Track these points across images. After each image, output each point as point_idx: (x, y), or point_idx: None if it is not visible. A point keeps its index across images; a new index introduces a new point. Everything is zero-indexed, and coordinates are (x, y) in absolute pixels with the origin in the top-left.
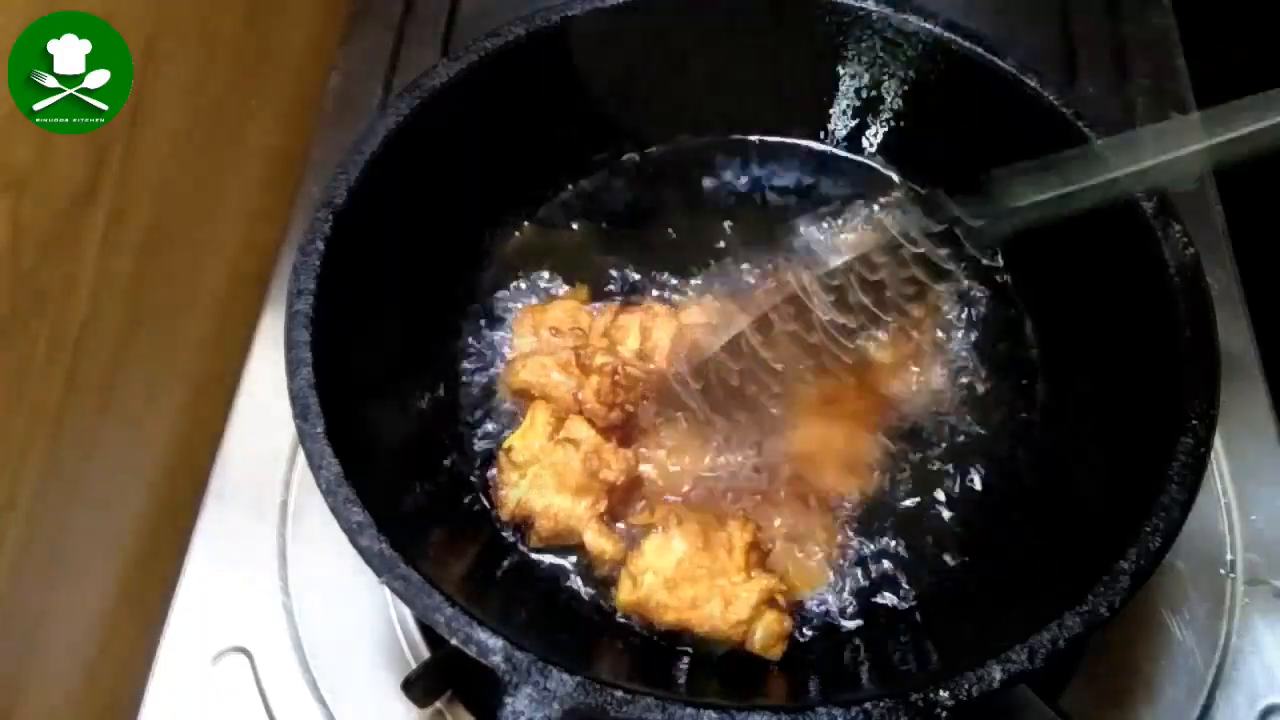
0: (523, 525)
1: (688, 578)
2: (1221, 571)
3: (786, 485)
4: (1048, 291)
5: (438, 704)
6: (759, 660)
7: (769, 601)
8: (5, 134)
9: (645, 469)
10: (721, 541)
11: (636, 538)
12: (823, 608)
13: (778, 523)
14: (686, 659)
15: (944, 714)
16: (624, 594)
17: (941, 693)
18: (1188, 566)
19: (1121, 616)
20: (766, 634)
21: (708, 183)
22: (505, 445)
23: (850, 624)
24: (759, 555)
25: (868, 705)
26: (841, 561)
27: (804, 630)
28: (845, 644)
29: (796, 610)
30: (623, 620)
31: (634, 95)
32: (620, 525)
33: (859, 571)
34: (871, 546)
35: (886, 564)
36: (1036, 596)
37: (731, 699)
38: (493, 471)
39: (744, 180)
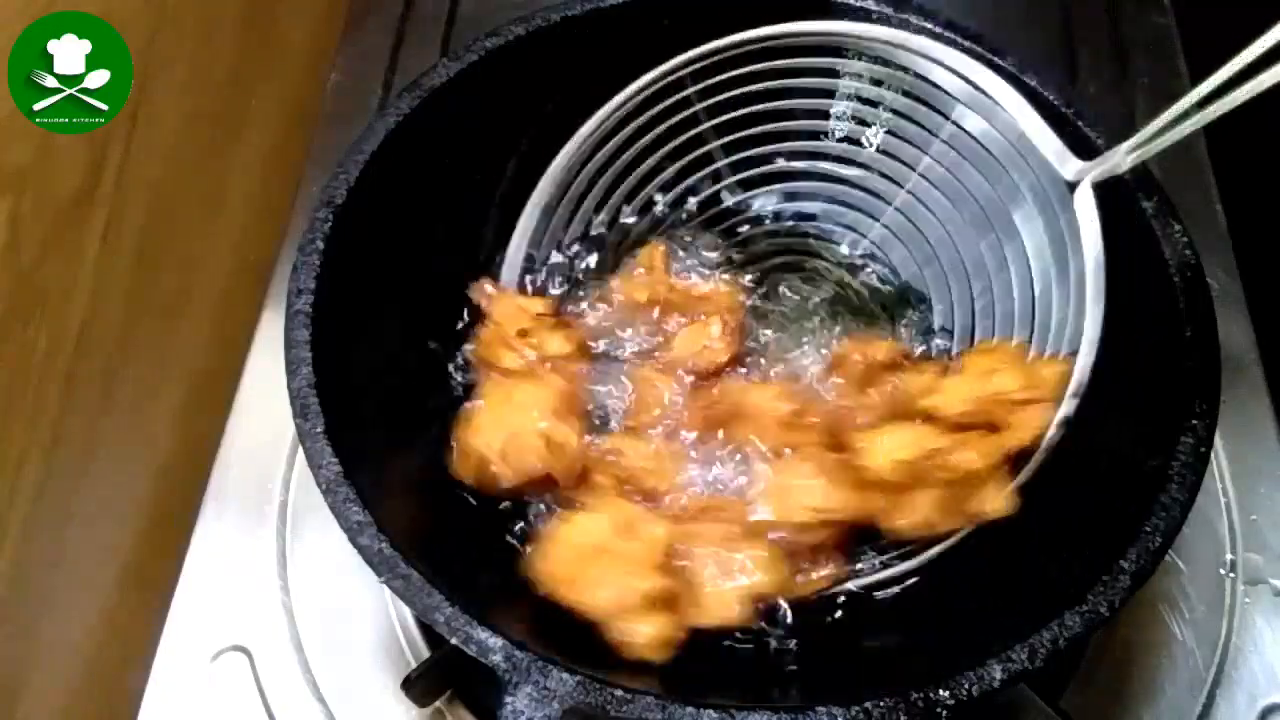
0: (484, 478)
1: (597, 558)
2: (1221, 571)
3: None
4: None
5: (438, 704)
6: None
7: (666, 603)
8: (5, 134)
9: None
10: (643, 534)
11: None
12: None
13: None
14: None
15: (944, 713)
16: (536, 561)
17: (941, 692)
18: (1188, 566)
19: (1121, 616)
20: (652, 634)
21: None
22: (460, 412)
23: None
24: (676, 566)
25: (868, 704)
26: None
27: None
28: (840, 637)
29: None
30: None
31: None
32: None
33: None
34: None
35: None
36: (1037, 596)
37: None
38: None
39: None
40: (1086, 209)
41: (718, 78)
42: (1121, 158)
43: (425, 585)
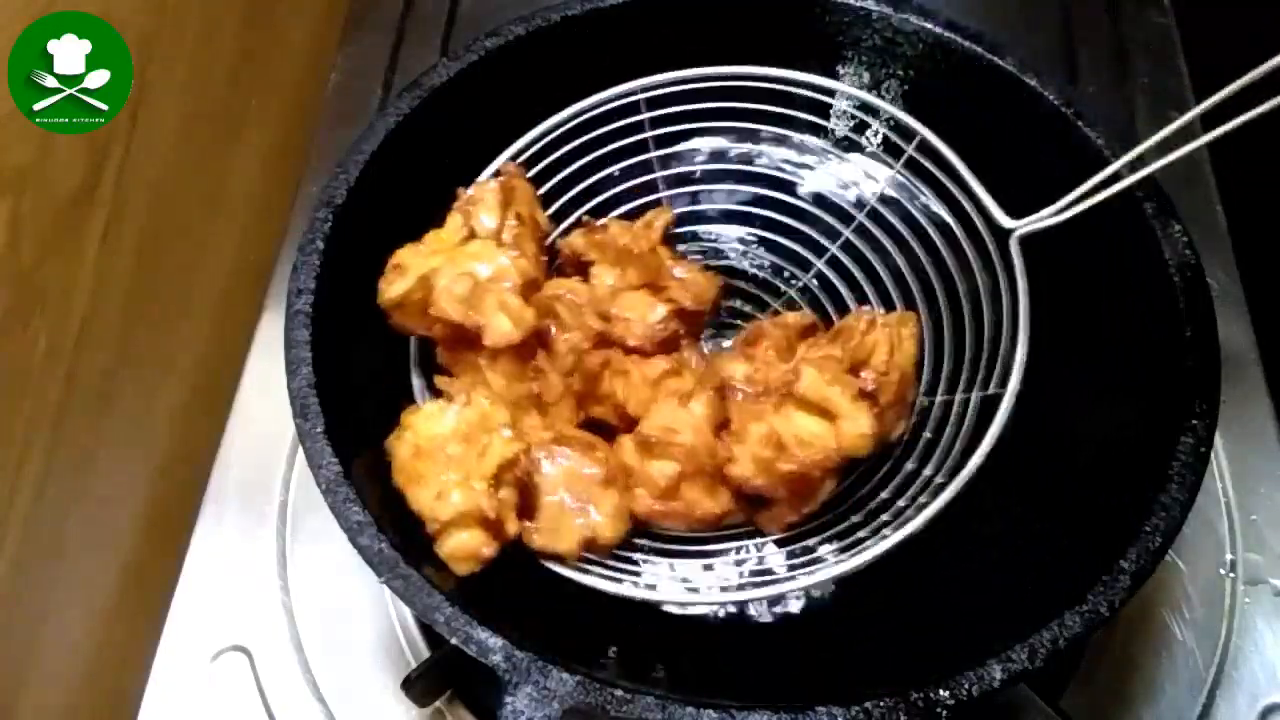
0: (409, 302)
1: (434, 455)
2: (1221, 571)
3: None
4: (1048, 290)
5: (438, 704)
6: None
7: (481, 521)
8: (5, 134)
9: None
10: (486, 442)
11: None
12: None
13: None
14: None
15: (944, 713)
16: (393, 445)
17: (941, 692)
18: (1188, 566)
19: (1121, 616)
20: (456, 545)
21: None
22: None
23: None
24: (516, 481)
25: (868, 704)
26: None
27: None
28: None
29: None
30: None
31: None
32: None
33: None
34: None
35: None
36: (1037, 596)
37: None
38: None
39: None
40: (1017, 260)
41: (670, 109)
42: (1047, 217)
43: (425, 585)
